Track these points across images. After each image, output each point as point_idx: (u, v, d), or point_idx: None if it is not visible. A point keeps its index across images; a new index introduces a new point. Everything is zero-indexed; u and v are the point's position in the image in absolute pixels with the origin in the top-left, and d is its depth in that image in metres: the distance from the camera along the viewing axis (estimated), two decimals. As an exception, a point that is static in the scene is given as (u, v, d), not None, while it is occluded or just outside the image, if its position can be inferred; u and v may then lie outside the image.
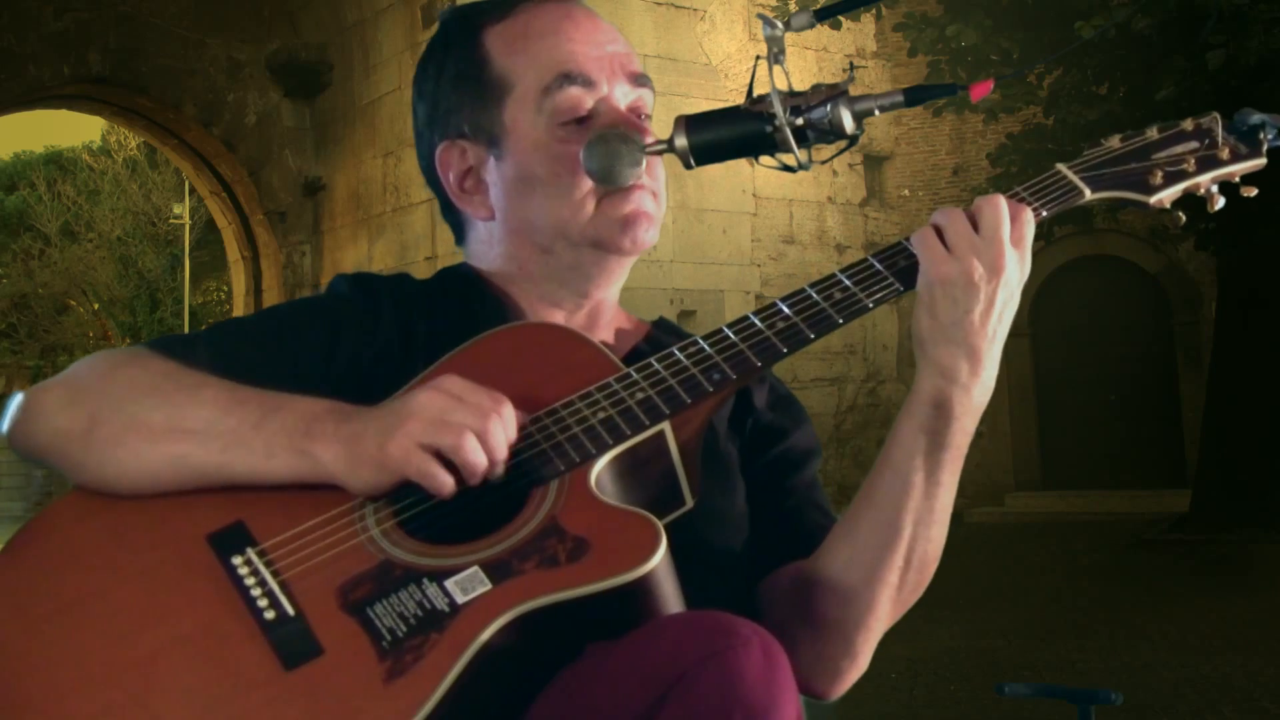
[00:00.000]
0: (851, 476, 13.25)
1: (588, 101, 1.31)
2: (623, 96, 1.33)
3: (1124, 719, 4.80)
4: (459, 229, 1.44)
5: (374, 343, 1.27)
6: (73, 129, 62.77)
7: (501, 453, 1.07)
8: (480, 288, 1.37)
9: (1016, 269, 1.17)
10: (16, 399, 1.17)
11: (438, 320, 1.31)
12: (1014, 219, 1.18)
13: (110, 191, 28.69)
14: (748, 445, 1.37)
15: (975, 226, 1.17)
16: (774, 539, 1.32)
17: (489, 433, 1.06)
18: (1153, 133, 1.32)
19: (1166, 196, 1.29)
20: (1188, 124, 1.32)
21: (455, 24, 1.40)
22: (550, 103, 1.30)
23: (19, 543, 1.09)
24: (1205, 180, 1.30)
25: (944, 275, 1.15)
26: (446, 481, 1.05)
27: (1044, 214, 1.24)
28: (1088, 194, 1.26)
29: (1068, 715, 2.58)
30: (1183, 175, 1.29)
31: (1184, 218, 1.35)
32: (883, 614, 1.24)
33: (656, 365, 1.16)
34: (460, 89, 1.36)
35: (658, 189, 1.35)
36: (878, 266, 1.20)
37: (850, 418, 13.87)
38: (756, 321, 1.18)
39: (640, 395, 1.13)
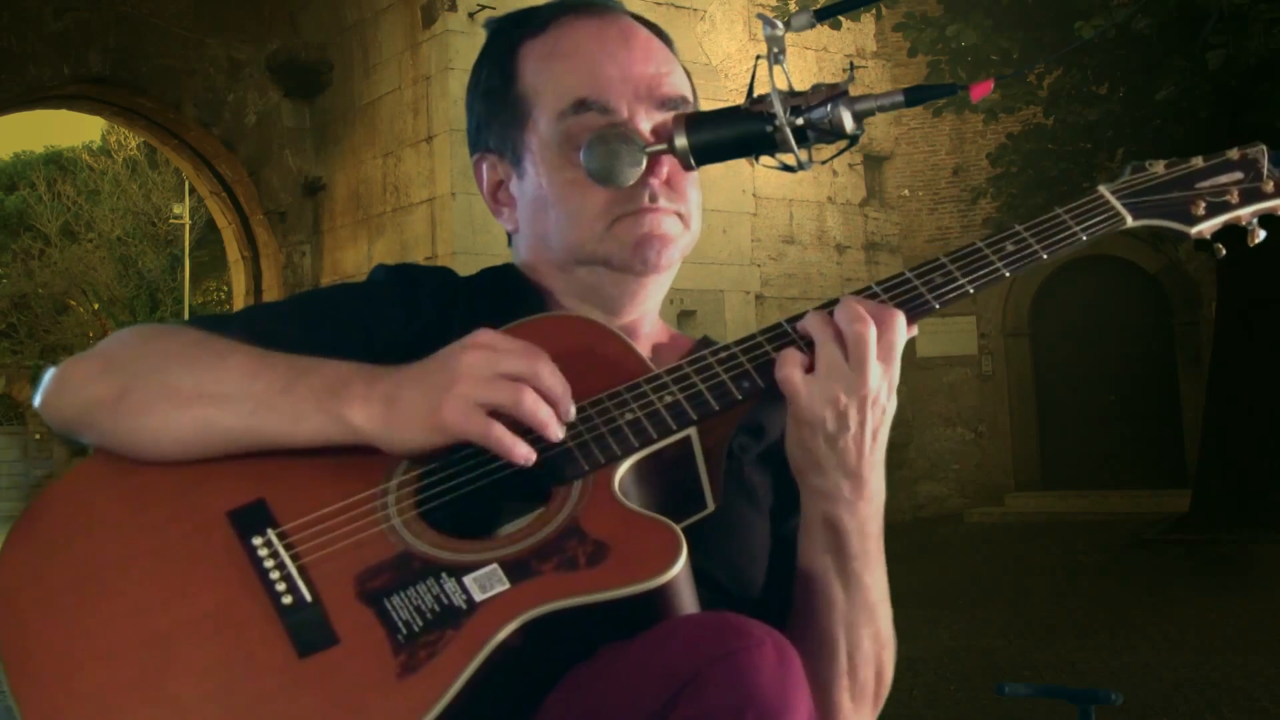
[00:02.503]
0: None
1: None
2: (646, 120, 1.30)
3: (1124, 719, 4.80)
4: (507, 235, 1.45)
5: (409, 331, 1.27)
6: (73, 129, 62.89)
7: (559, 390, 1.07)
8: (521, 283, 1.37)
9: (885, 385, 1.13)
10: (50, 371, 1.18)
11: (477, 311, 1.30)
12: (881, 331, 1.12)
13: (110, 191, 28.68)
14: (776, 450, 1.33)
15: (843, 344, 1.11)
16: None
17: (541, 377, 1.06)
18: (1198, 161, 1.30)
19: (1207, 228, 1.27)
20: (1234, 153, 1.31)
21: (495, 35, 1.40)
22: (565, 129, 1.30)
23: (42, 505, 1.09)
24: (1247, 213, 1.28)
25: (810, 415, 1.11)
26: (517, 443, 1.05)
27: (1084, 238, 1.23)
28: (1129, 221, 1.25)
29: (1068, 715, 2.58)
30: (1226, 207, 1.27)
31: (1223, 250, 1.34)
32: (849, 710, 1.22)
33: (687, 369, 1.15)
34: (489, 103, 1.37)
35: (684, 210, 1.32)
36: (911, 280, 1.20)
37: (850, 418, 13.86)
38: (788, 329, 1.17)
39: (668, 399, 1.12)
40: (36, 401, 1.18)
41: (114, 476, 1.11)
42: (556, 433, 1.07)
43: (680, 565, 0.99)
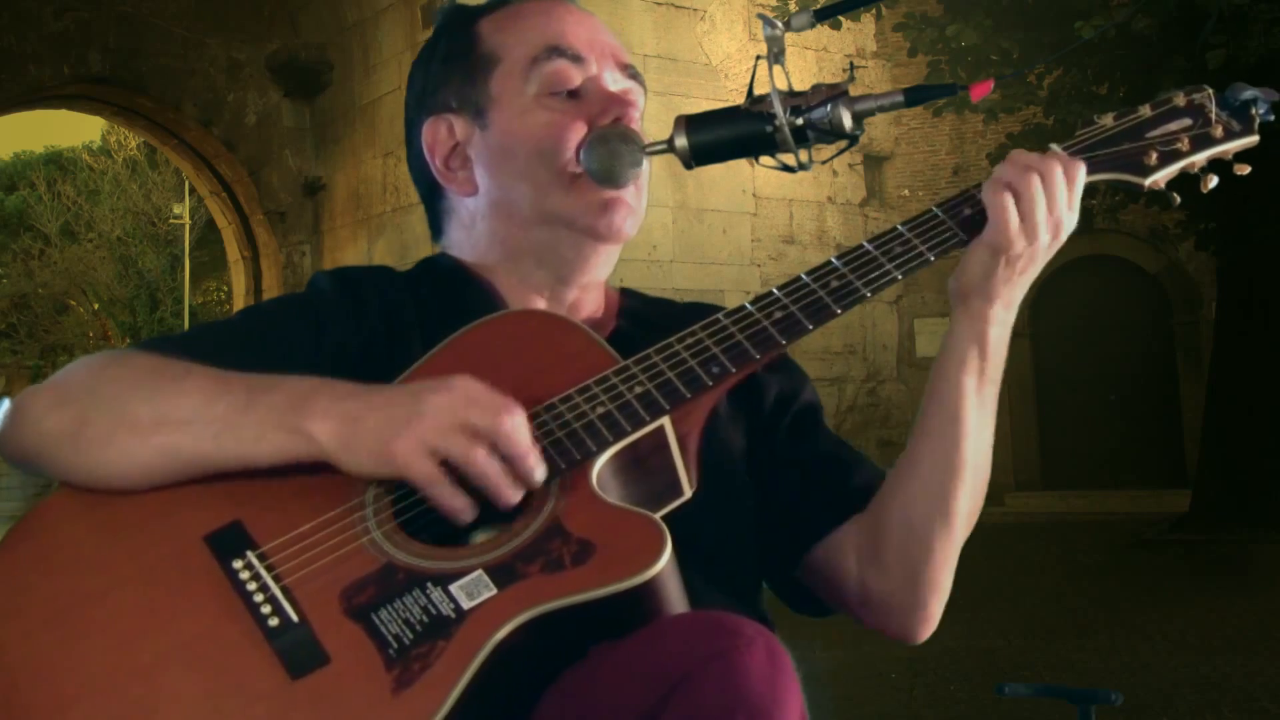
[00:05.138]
0: (851, 476, 13.23)
1: (576, 76, 1.31)
2: (612, 81, 1.33)
3: (1124, 719, 4.80)
4: (436, 221, 1.43)
5: (359, 335, 1.26)
6: (73, 129, 62.79)
7: (520, 448, 1.04)
8: (463, 275, 1.36)
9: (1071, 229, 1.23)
10: (5, 405, 1.16)
11: (423, 309, 1.30)
12: (1070, 182, 1.21)
13: (110, 191, 28.68)
14: (761, 415, 1.36)
15: (1045, 187, 1.19)
16: (823, 499, 1.33)
17: (501, 434, 1.03)
18: (1145, 110, 1.31)
19: (1161, 177, 1.28)
20: (1180, 99, 1.31)
21: (450, 18, 1.41)
22: (538, 73, 1.30)
23: (13, 541, 1.06)
24: (1200, 159, 1.29)
25: (1013, 251, 1.20)
26: (455, 497, 1.03)
27: None
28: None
29: (1068, 715, 2.57)
30: (1177, 155, 1.28)
31: (1179, 198, 1.34)
32: (957, 537, 1.30)
33: (655, 358, 1.14)
34: (449, 66, 1.37)
35: (641, 183, 1.34)
36: (874, 254, 1.21)
37: (850, 418, 13.87)
38: (753, 311, 1.17)
39: (639, 389, 1.12)
40: None
41: (87, 505, 1.09)
42: (508, 494, 1.04)
43: (666, 558, 0.99)
